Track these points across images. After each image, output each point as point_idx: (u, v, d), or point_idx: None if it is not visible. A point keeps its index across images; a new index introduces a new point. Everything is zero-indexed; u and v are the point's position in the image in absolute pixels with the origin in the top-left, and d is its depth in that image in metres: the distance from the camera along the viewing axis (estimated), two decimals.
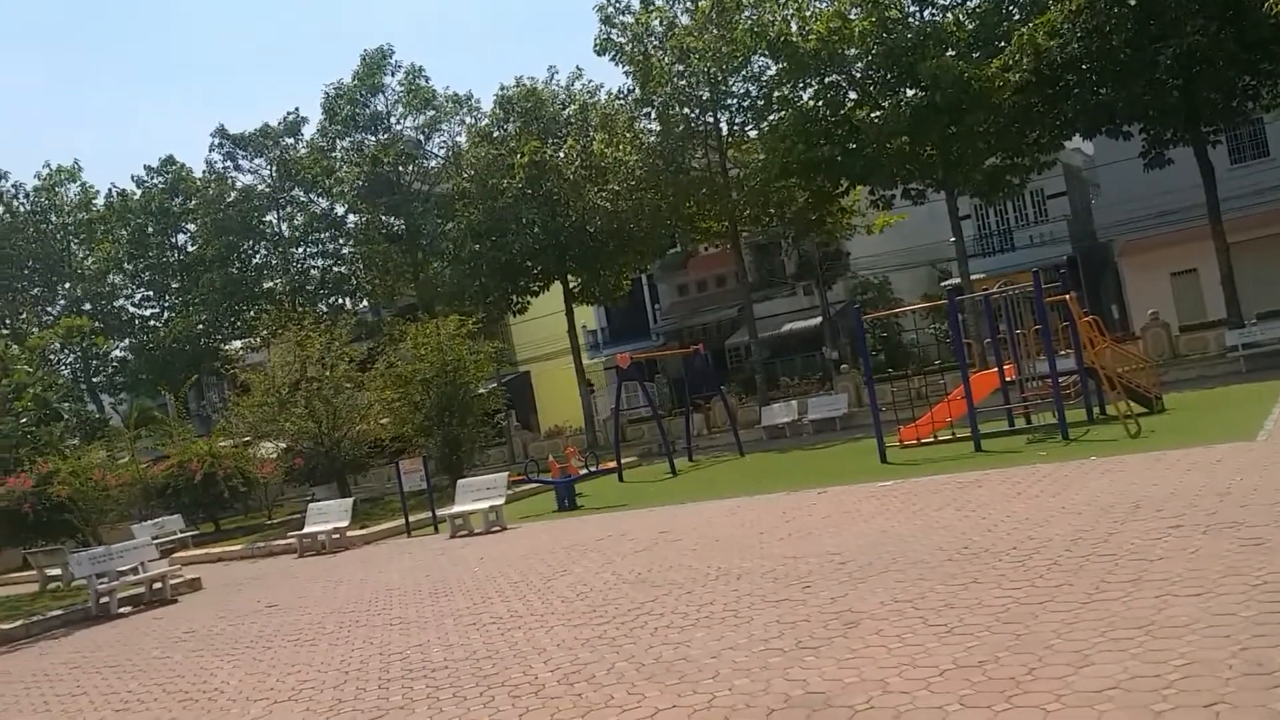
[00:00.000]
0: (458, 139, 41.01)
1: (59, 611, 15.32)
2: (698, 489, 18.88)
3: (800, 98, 29.76)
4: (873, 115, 27.47)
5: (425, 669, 7.99)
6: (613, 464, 24.45)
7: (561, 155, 34.04)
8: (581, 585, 10.53)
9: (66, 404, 34.27)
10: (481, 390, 28.76)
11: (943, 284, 29.19)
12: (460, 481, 20.47)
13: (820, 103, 29.05)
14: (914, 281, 38.66)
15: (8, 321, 39.33)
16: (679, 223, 34.01)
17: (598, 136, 33.96)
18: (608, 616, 8.71)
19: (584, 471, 22.74)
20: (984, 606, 6.91)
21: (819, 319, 38.41)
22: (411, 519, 20.32)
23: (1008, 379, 19.30)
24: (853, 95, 29.28)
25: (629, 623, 8.32)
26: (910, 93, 27.29)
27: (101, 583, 15.36)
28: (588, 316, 44.26)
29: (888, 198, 30.63)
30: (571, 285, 35.18)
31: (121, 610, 15.23)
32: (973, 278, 29.90)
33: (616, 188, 32.50)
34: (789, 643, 6.86)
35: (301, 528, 20.63)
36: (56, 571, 19.98)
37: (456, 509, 18.72)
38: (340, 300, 43.51)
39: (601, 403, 39.81)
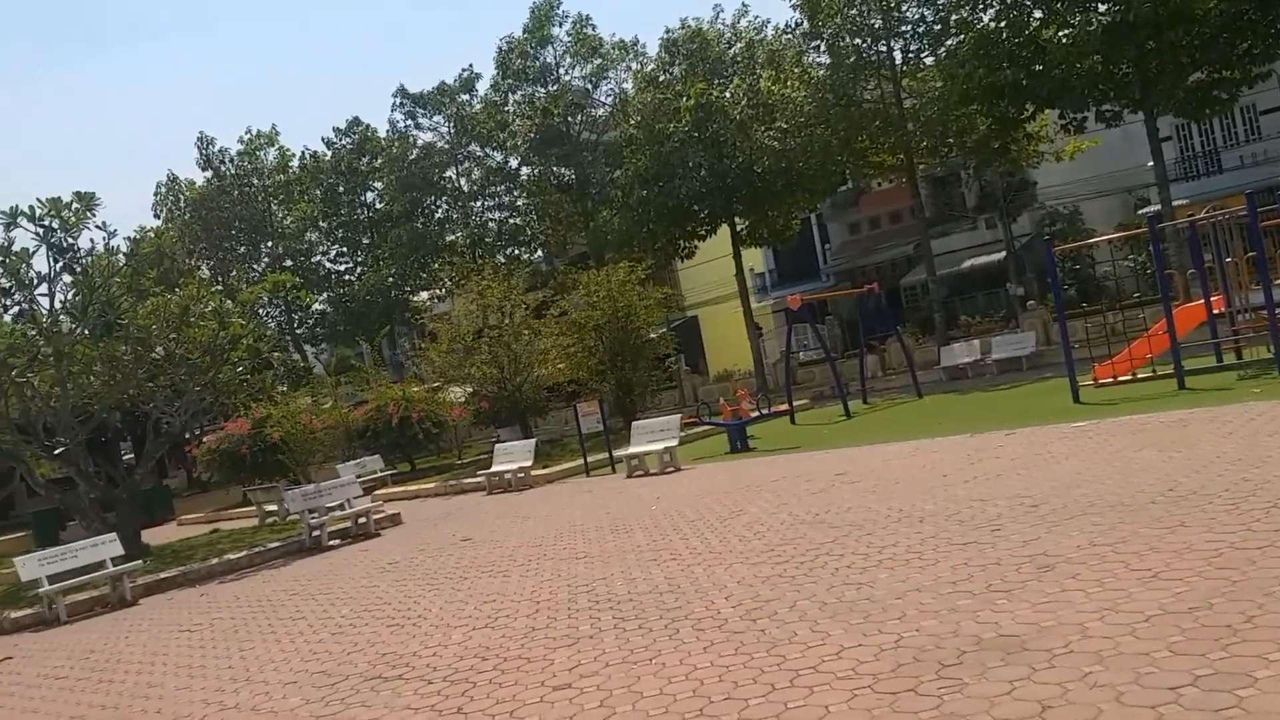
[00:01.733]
0: (624, 86, 41.24)
1: (277, 543, 16.65)
2: (874, 431, 18.59)
3: (980, 19, 28.32)
4: (1060, 35, 25.84)
5: (611, 601, 8.28)
6: (784, 407, 24.37)
7: (728, 96, 33.68)
8: (758, 525, 10.62)
9: (276, 354, 36.73)
10: (651, 335, 29.13)
11: (1141, 212, 27.44)
12: (635, 423, 20.87)
13: (1002, 24, 27.50)
14: (1107, 210, 36.42)
15: (220, 279, 42.32)
16: (850, 158, 33.18)
17: (765, 74, 33.42)
18: (786, 556, 8.77)
19: (755, 414, 22.76)
20: (1193, 551, 6.56)
21: (1002, 253, 36.82)
22: (589, 459, 20.90)
23: (1215, 312, 18.01)
24: (1038, 14, 27.56)
25: (808, 562, 8.35)
26: (1102, 8, 25.47)
27: (313, 517, 16.59)
28: (756, 259, 43.93)
29: (1078, 121, 28.82)
30: (739, 227, 34.96)
31: (331, 543, 16.41)
32: (1174, 204, 27.93)
33: (785, 125, 31.96)
34: (979, 585, 6.73)
35: (489, 467, 21.60)
36: (272, 507, 21.68)
37: (632, 450, 19.11)
38: (516, 251, 44.71)
39: (770, 346, 39.62)
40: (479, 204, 45.99)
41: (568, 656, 6.81)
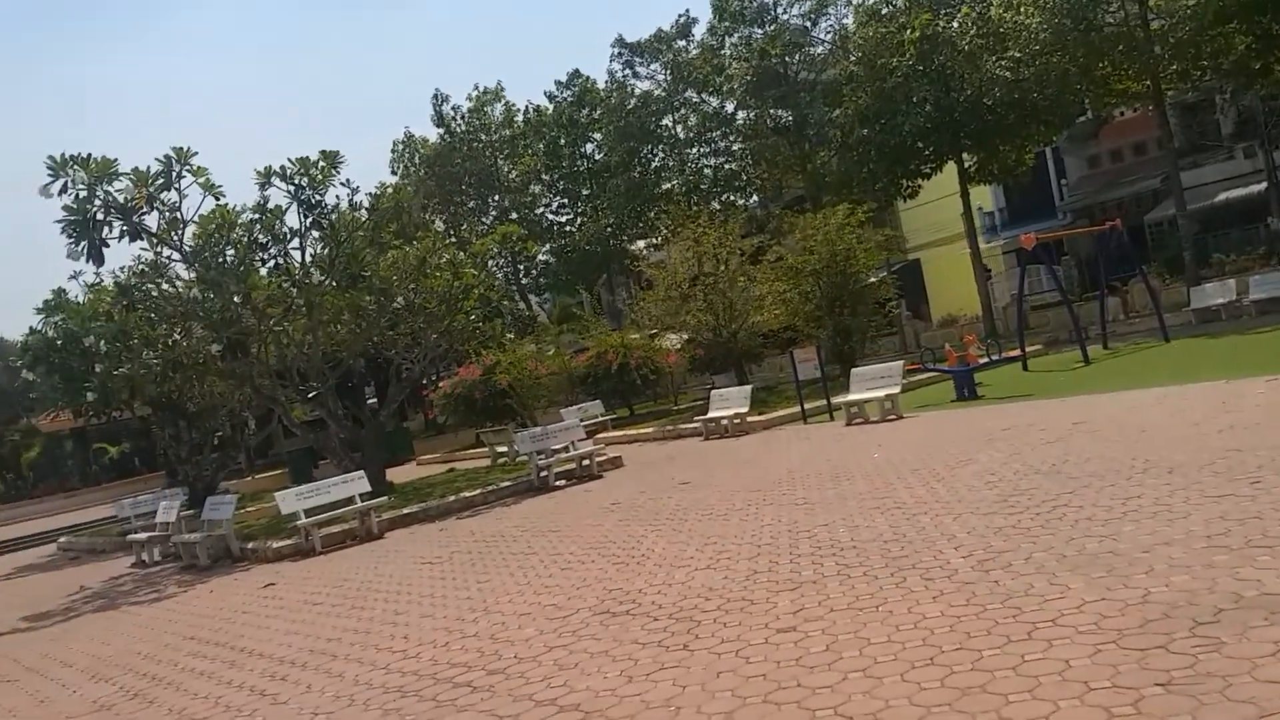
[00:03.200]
0: (844, 21, 40.00)
1: (508, 483, 17.49)
2: (1115, 378, 17.42)
3: None
4: None
5: (833, 547, 8.20)
6: (1015, 352, 23.25)
7: (955, 25, 31.97)
8: (988, 474, 10.22)
9: (505, 303, 38.37)
10: (871, 279, 28.35)
11: None
12: (854, 370, 20.47)
13: None
14: None
15: (452, 232, 44.44)
16: (1090, 87, 30.86)
17: (995, 1, 31.49)
18: (1020, 506, 8.40)
19: (984, 360, 21.82)
20: None
21: (1263, 185, 33.37)
22: (806, 406, 20.70)
23: None
24: None
25: (1045, 514, 7.97)
26: None
27: (540, 459, 17.31)
28: (984, 197, 41.79)
29: None
30: (967, 164, 33.31)
31: (557, 483, 17.08)
32: None
33: (1017, 54, 30.05)
34: (1237, 540, 6.23)
35: (705, 413, 21.80)
36: (503, 449, 22.79)
37: (851, 397, 18.77)
38: (732, 197, 44.52)
39: (1000, 289, 37.77)
40: (695, 151, 46.02)
41: (791, 600, 6.81)
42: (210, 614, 11.34)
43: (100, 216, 16.26)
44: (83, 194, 16.00)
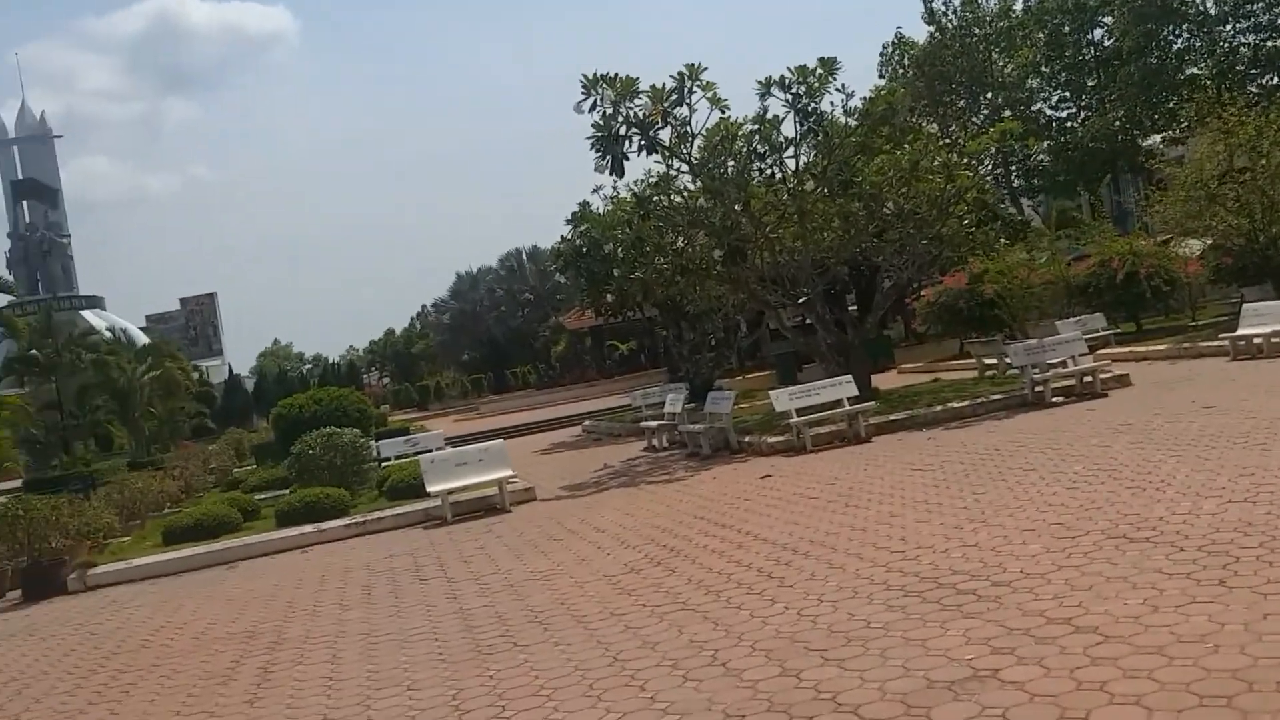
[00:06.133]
0: None
1: (999, 396, 16.83)
2: None
3: None
4: None
5: None
6: None
7: None
8: None
9: (1001, 206, 36.59)
10: None
11: None
12: None
13: None
14: None
15: (943, 134, 42.93)
16: None
17: None
18: None
19: None
20: None
21: None
22: None
23: None
24: None
25: None
26: None
27: (1035, 372, 16.43)
28: None
29: None
30: None
31: (1054, 399, 16.13)
32: None
33: None
34: None
35: (1233, 330, 19.25)
36: (991, 360, 21.97)
37: None
38: (1274, 79, 38.08)
39: None
40: (1229, 28, 39.88)
41: None
42: (714, 498, 12.34)
43: (622, 132, 17.92)
44: (608, 111, 17.72)
